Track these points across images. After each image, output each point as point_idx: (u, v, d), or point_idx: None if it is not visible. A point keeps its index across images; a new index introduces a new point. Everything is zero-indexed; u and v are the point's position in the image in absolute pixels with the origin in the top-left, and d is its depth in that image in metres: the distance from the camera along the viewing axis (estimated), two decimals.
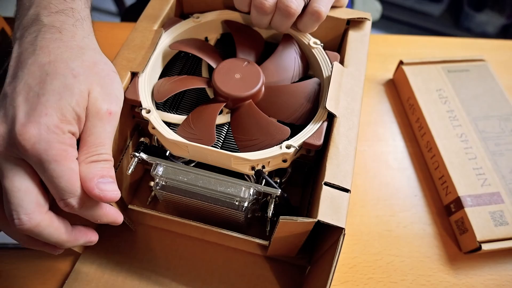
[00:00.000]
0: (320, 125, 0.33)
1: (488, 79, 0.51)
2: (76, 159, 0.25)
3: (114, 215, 0.29)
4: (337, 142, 0.32)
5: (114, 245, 0.39)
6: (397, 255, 0.40)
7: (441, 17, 1.51)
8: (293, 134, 0.33)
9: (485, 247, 0.38)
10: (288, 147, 0.31)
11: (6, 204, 0.24)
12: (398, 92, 0.54)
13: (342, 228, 0.28)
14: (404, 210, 0.44)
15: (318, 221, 0.28)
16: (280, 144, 0.32)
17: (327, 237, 0.33)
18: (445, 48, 0.59)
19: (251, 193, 0.32)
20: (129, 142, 0.38)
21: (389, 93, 0.54)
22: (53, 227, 0.26)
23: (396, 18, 1.52)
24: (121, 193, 0.28)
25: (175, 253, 0.39)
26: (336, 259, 0.28)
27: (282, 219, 0.29)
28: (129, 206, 0.37)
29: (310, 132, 0.32)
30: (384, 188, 0.45)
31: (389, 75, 0.56)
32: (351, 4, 0.90)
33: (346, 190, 0.29)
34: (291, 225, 0.30)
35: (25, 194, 0.24)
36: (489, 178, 0.42)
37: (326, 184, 0.29)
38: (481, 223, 0.39)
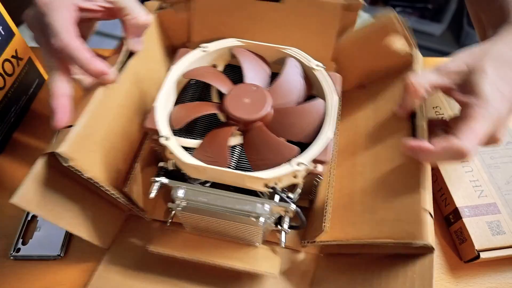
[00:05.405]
0: (326, 142, 0.35)
1: None
2: None
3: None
4: None
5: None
6: None
7: (442, 36, 1.56)
8: (301, 151, 0.35)
9: (484, 255, 0.40)
10: (298, 164, 0.34)
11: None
12: None
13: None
14: None
15: None
16: (290, 161, 0.34)
17: None
18: None
19: (267, 209, 0.34)
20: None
21: None
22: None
23: None
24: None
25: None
26: None
27: None
28: (150, 249, 0.39)
29: (317, 149, 0.35)
30: None
31: None
32: None
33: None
34: None
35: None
36: (486, 189, 0.44)
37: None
38: (479, 232, 0.41)
